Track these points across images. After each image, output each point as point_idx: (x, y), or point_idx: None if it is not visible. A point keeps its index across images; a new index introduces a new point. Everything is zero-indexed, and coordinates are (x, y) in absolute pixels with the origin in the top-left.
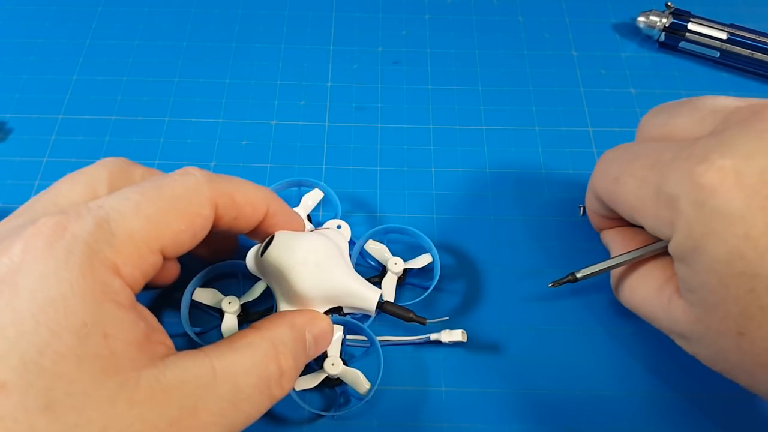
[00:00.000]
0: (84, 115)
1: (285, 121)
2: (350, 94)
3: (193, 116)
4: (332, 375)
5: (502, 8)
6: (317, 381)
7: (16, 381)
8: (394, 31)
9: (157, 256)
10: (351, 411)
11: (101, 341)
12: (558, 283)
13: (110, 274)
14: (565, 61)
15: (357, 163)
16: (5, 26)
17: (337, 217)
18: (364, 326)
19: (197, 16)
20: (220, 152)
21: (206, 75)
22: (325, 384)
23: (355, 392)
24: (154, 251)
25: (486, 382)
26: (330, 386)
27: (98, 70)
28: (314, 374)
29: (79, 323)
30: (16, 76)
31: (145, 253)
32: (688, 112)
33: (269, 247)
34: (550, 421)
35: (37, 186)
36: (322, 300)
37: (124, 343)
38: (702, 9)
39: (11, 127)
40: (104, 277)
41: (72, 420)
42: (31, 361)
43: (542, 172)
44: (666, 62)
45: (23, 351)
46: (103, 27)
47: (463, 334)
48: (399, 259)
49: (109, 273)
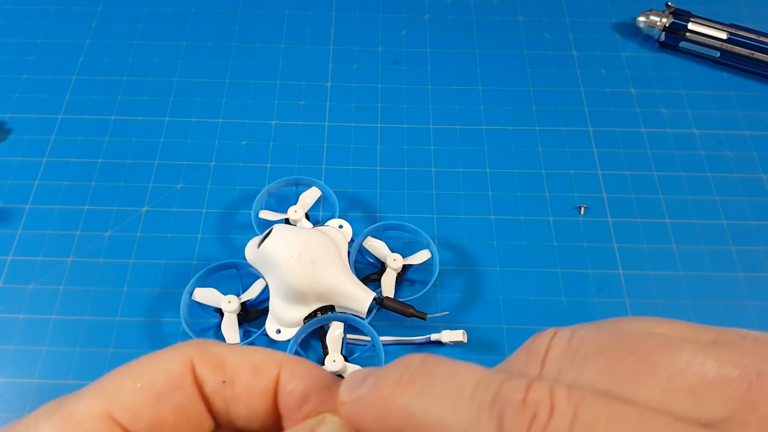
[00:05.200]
0: (84, 115)
1: (285, 121)
2: (350, 94)
3: (193, 116)
4: (333, 372)
5: (502, 8)
6: None
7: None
8: (394, 31)
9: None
10: None
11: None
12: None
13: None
14: (565, 61)
15: (357, 163)
16: (5, 26)
17: (335, 216)
18: (364, 323)
19: (197, 16)
20: (220, 152)
21: (206, 75)
22: None
23: None
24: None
25: None
26: None
27: (98, 70)
28: None
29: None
30: (16, 76)
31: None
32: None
33: (266, 239)
34: None
35: (37, 186)
36: (314, 297)
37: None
38: (702, 9)
39: (11, 127)
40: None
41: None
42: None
43: (542, 172)
44: (666, 62)
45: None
46: (103, 27)
47: (464, 334)
48: (398, 255)
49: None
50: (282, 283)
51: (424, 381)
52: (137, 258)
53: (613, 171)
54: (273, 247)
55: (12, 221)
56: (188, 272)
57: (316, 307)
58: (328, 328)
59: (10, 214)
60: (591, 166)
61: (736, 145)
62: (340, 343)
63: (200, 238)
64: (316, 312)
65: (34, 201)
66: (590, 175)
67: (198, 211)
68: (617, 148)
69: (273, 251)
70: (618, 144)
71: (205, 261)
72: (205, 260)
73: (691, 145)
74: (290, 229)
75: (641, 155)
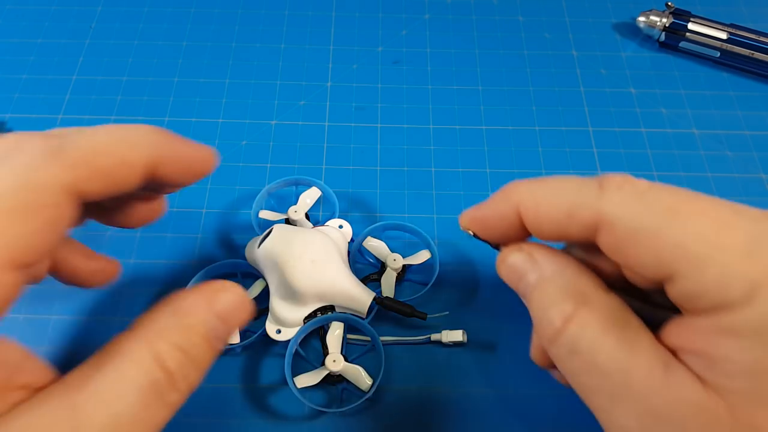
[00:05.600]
0: (84, 114)
1: (285, 121)
2: (350, 94)
3: (193, 116)
4: (334, 372)
5: (502, 8)
6: (319, 378)
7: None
8: (394, 31)
9: (10, 275)
10: (352, 408)
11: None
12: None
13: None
14: (565, 61)
15: (357, 163)
16: (5, 26)
17: (335, 216)
18: (365, 323)
19: (197, 16)
20: (219, 152)
21: (206, 75)
22: (327, 381)
23: (356, 389)
24: (4, 271)
25: (486, 382)
26: (331, 383)
27: (98, 70)
28: (316, 371)
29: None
30: (16, 76)
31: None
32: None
33: (266, 239)
34: (550, 421)
35: None
36: (314, 297)
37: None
38: (702, 9)
39: (11, 127)
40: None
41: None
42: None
43: (542, 172)
44: (666, 62)
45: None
46: (103, 27)
47: (464, 334)
48: (398, 256)
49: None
50: (282, 283)
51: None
52: (137, 258)
53: (614, 171)
54: (273, 248)
55: None
56: (188, 272)
57: (316, 307)
58: (328, 328)
59: None
60: (591, 166)
61: (736, 145)
62: (340, 342)
63: (200, 238)
64: (316, 312)
65: None
66: (591, 175)
67: (198, 211)
68: (617, 148)
69: (273, 251)
70: (618, 144)
71: (205, 261)
72: (205, 260)
73: (691, 145)
74: (290, 230)
75: (641, 155)
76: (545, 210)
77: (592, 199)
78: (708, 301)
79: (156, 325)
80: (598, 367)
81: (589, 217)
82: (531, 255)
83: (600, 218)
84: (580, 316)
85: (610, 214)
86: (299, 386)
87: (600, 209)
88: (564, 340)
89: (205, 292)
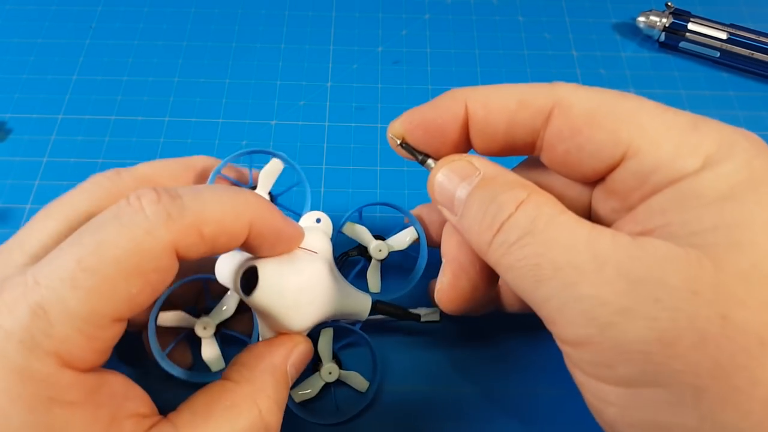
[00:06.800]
0: (84, 114)
1: (285, 121)
2: (350, 94)
3: (193, 116)
4: (330, 382)
5: (502, 8)
6: (316, 391)
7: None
8: (394, 31)
9: (112, 328)
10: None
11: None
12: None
13: (55, 369)
14: (565, 61)
15: (357, 163)
16: (5, 26)
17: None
18: (355, 329)
19: (197, 16)
20: (220, 152)
21: (206, 75)
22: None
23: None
24: (105, 325)
25: (484, 382)
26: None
27: (98, 70)
28: (312, 382)
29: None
30: (16, 76)
31: (94, 331)
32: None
33: (254, 290)
34: (550, 421)
35: (37, 186)
36: (312, 326)
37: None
38: (702, 9)
39: (11, 127)
40: (47, 376)
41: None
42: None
43: None
44: (666, 62)
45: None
46: (103, 27)
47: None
48: (383, 244)
49: (53, 368)
50: (276, 325)
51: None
52: None
53: None
54: (262, 299)
55: (12, 221)
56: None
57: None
58: (319, 336)
59: (10, 214)
60: None
61: None
62: (330, 349)
63: None
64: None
65: (35, 201)
66: None
67: None
68: None
69: (263, 303)
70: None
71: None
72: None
73: None
74: (279, 275)
75: None
76: (495, 100)
77: (545, 89)
78: (664, 174)
79: (259, 384)
80: (559, 243)
81: (542, 103)
82: (470, 162)
83: (555, 102)
84: (535, 197)
85: (565, 97)
86: (297, 401)
87: (555, 94)
88: (516, 222)
89: (287, 345)
